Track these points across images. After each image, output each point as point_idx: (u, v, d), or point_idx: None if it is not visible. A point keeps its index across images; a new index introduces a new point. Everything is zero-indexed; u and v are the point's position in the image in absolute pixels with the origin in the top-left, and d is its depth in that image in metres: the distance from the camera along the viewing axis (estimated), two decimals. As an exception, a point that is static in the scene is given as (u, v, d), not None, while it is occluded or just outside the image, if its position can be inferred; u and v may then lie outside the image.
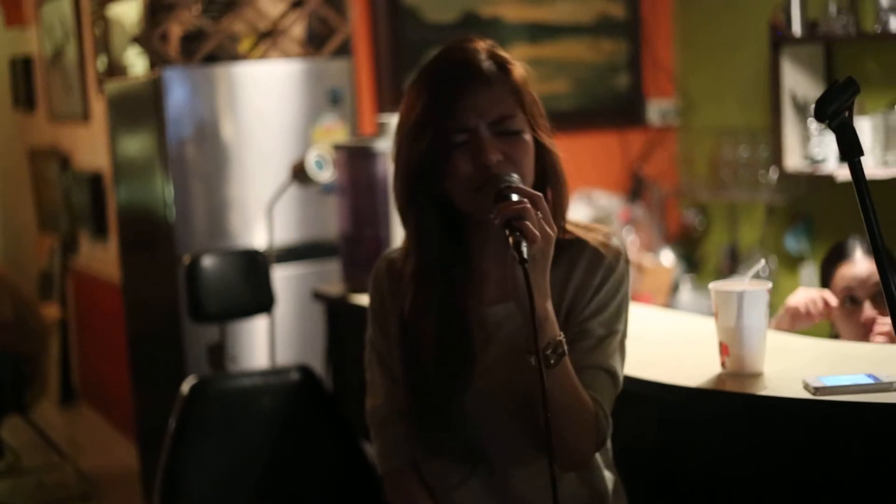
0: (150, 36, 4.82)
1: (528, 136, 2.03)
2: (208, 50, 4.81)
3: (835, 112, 1.98)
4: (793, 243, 5.33)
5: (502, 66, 2.04)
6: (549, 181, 2.07)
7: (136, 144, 5.06)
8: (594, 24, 5.87)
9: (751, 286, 2.36)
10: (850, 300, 3.08)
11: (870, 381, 2.23)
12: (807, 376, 2.26)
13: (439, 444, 2.12)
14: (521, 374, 2.00)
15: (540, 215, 1.88)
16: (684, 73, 6.01)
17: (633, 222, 5.61)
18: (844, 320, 3.07)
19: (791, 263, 5.39)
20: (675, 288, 5.60)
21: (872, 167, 4.71)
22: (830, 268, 3.17)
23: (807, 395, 2.22)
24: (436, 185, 2.02)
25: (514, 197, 1.89)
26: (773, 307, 2.49)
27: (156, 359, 5.12)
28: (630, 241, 5.47)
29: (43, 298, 7.65)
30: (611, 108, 5.94)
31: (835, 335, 3.12)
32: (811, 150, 4.96)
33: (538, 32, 5.68)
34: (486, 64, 2.03)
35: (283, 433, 3.47)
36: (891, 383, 2.20)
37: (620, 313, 2.11)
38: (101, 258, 6.74)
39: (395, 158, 2.10)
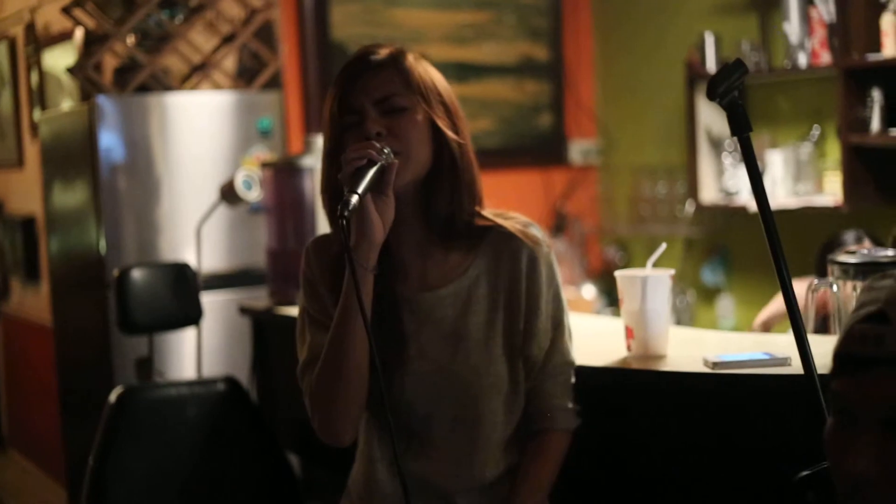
0: (83, 65, 4.89)
1: (419, 116, 2.10)
2: (141, 81, 4.89)
3: (725, 91, 2.11)
4: (710, 276, 5.48)
5: (394, 55, 2.14)
6: (445, 163, 2.13)
7: (69, 182, 5.09)
8: (518, 66, 6.02)
9: (654, 272, 2.49)
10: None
11: (766, 357, 2.35)
12: (707, 354, 2.38)
13: (379, 426, 2.20)
14: (454, 359, 2.14)
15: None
16: (605, 113, 6.18)
17: (556, 257, 5.72)
18: None
19: (709, 295, 5.54)
20: (596, 322, 5.72)
21: (784, 197, 4.89)
22: (825, 255, 3.24)
23: (706, 370, 2.34)
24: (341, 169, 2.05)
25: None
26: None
27: (86, 398, 5.11)
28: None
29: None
30: (534, 147, 6.08)
31: None
32: (725, 182, 5.13)
33: (464, 72, 5.82)
34: (379, 54, 2.14)
35: (209, 442, 3.51)
36: (786, 358, 2.31)
37: (560, 301, 2.23)
38: (33, 303, 6.75)
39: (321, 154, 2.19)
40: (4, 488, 6.78)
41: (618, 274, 2.54)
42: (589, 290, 5.73)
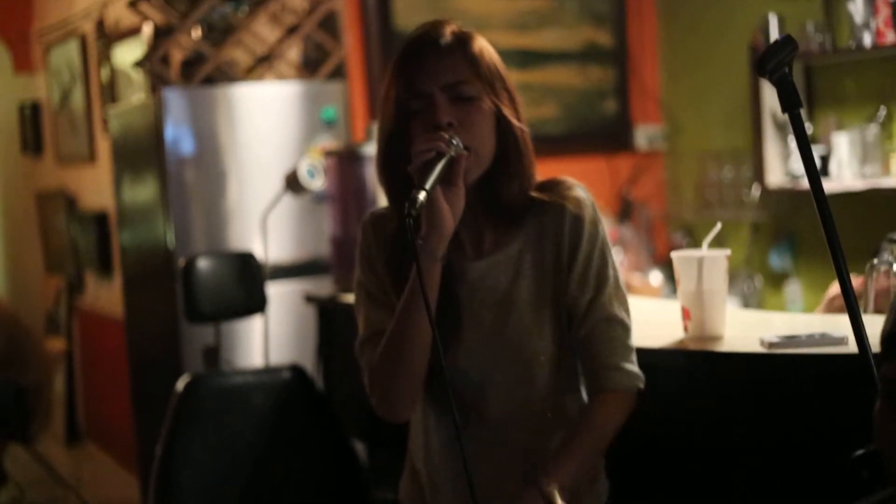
0: (150, 59, 4.97)
1: (485, 105, 2.09)
2: (207, 73, 4.96)
3: (775, 67, 2.09)
4: (777, 260, 5.44)
5: (460, 39, 2.13)
6: (510, 151, 2.13)
7: (138, 175, 5.17)
8: (582, 52, 6.00)
9: (710, 252, 2.49)
10: None
11: (822, 337, 2.33)
12: (764, 335, 2.38)
13: (435, 398, 2.21)
14: (507, 323, 2.15)
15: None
16: (670, 98, 6.14)
17: (622, 243, 5.72)
18: None
19: (776, 280, 5.49)
20: (664, 308, 5.69)
21: (850, 179, 4.84)
22: None
23: (762, 350, 2.34)
24: (403, 152, 2.07)
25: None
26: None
27: (156, 389, 5.18)
28: (619, 262, 5.57)
29: (49, 336, 7.77)
30: (599, 133, 6.05)
31: None
32: (791, 166, 5.09)
33: (527, 59, 5.81)
34: (444, 36, 2.12)
35: (275, 430, 3.55)
36: (842, 338, 2.30)
37: (605, 258, 2.19)
38: (106, 296, 6.85)
39: (377, 132, 2.20)
40: (82, 480, 6.89)
41: (674, 255, 2.54)
42: (656, 277, 5.71)
